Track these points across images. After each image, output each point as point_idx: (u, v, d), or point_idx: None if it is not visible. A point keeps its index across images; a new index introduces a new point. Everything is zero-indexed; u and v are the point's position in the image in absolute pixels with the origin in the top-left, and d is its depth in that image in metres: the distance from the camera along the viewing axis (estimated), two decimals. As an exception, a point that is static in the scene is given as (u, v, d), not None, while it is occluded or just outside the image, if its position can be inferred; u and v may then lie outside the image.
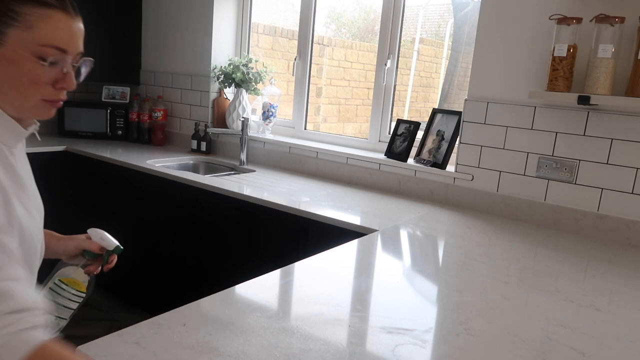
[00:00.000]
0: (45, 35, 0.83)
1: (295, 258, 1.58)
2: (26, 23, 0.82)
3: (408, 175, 2.61)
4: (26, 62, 0.83)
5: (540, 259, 1.82)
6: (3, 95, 0.86)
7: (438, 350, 1.10)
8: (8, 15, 0.81)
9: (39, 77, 0.84)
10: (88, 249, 1.14)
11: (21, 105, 0.87)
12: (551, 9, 2.07)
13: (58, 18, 0.84)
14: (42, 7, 0.82)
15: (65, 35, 0.85)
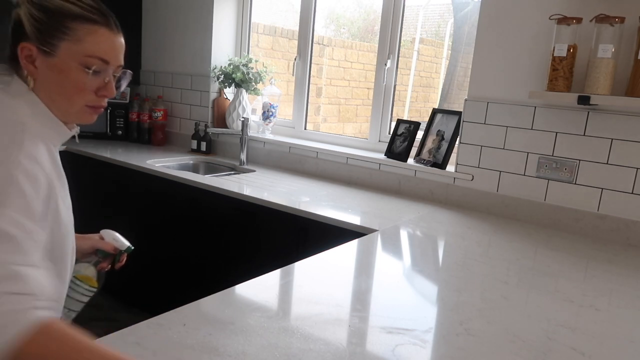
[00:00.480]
0: (91, 48, 0.94)
1: (295, 258, 1.58)
2: (75, 37, 0.93)
3: (408, 175, 2.61)
4: (73, 71, 0.94)
5: (540, 259, 1.82)
6: (52, 101, 0.96)
7: (438, 350, 1.10)
8: (61, 30, 0.93)
9: (84, 84, 0.95)
10: (102, 249, 1.23)
11: (67, 110, 0.98)
12: (551, 9, 2.07)
13: (102, 33, 0.96)
14: (89, 23, 0.94)
15: (108, 48, 0.96)
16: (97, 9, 0.96)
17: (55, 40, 0.93)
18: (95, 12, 0.96)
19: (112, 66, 0.99)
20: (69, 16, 0.93)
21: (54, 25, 0.93)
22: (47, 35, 0.93)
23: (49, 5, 0.93)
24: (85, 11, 0.95)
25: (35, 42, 0.94)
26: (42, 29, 0.93)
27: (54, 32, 0.93)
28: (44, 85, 0.96)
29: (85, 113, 1.00)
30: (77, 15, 0.94)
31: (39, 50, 0.94)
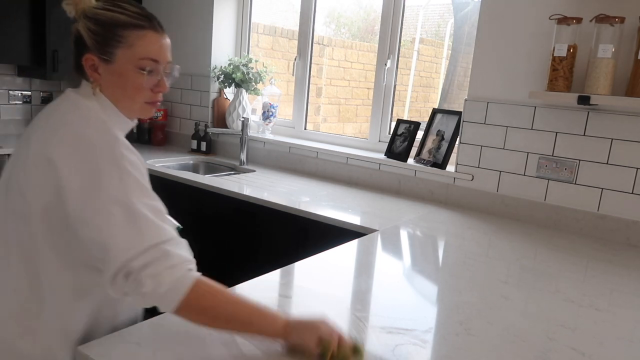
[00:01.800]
0: (142, 50, 1.06)
1: (295, 258, 1.58)
2: (128, 43, 1.05)
3: (408, 175, 2.61)
4: (131, 74, 1.06)
5: (540, 259, 1.82)
6: (117, 101, 1.09)
7: (438, 350, 1.10)
8: (115, 39, 1.04)
9: (141, 84, 1.07)
10: None
11: (130, 107, 1.11)
12: (551, 9, 2.07)
13: (151, 36, 1.07)
14: (138, 29, 1.05)
15: (156, 48, 1.08)
16: (142, 15, 1.07)
17: (111, 48, 1.05)
18: (141, 17, 1.07)
19: (162, 64, 1.09)
20: (120, 25, 1.05)
21: (108, 35, 1.04)
22: (104, 45, 1.05)
23: (102, 17, 1.05)
24: (133, 18, 1.06)
25: (96, 52, 1.05)
26: (100, 40, 1.05)
27: (110, 41, 1.04)
28: (108, 88, 1.08)
29: (145, 109, 1.13)
30: (127, 23, 1.05)
31: (99, 59, 1.06)
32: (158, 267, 0.91)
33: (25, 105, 3.69)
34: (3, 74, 3.55)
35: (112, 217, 0.93)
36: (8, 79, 3.58)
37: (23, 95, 3.67)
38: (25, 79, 3.66)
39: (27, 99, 3.69)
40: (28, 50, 3.35)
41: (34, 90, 3.72)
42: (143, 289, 0.90)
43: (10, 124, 3.62)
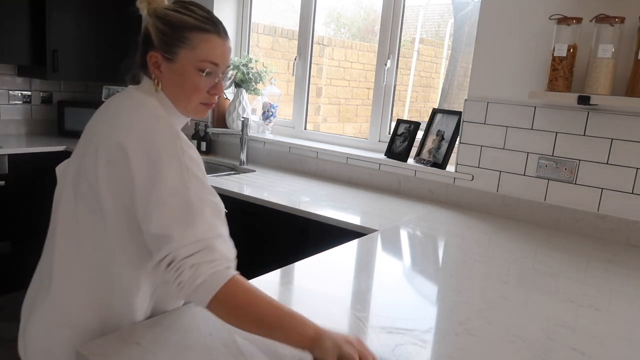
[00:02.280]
0: (205, 53, 1.10)
1: (295, 258, 1.58)
2: (191, 45, 1.09)
3: (408, 175, 2.61)
4: (190, 74, 1.10)
5: (540, 259, 1.82)
6: (175, 99, 1.14)
7: (438, 350, 1.10)
8: (180, 40, 1.09)
9: (199, 85, 1.12)
10: None
11: (186, 107, 1.15)
12: (551, 9, 2.07)
13: (214, 40, 1.11)
14: (203, 33, 1.10)
15: (218, 52, 1.12)
16: (209, 19, 1.12)
17: (175, 48, 1.10)
18: (208, 22, 1.11)
19: (221, 68, 1.13)
20: (187, 27, 1.10)
21: (175, 35, 1.10)
22: (169, 45, 1.10)
23: (172, 18, 1.10)
24: (200, 22, 1.10)
25: (160, 51, 1.11)
26: (166, 40, 1.10)
27: (175, 41, 1.10)
28: (167, 86, 1.13)
29: (199, 109, 1.17)
30: (193, 26, 1.10)
31: (163, 57, 1.11)
32: (200, 258, 0.95)
33: (25, 105, 3.69)
34: (3, 74, 3.55)
35: (169, 210, 0.98)
36: (8, 79, 3.58)
37: (23, 95, 3.67)
38: (25, 79, 3.66)
39: (27, 99, 3.69)
40: (28, 50, 3.35)
41: (34, 90, 3.72)
42: (181, 277, 0.94)
43: (10, 124, 3.62)
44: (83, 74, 3.61)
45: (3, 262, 3.16)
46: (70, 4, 3.41)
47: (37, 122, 3.76)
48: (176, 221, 0.97)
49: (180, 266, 0.94)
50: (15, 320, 1.46)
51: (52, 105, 3.79)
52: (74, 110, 3.62)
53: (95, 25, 3.56)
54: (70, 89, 3.91)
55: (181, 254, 0.95)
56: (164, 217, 0.97)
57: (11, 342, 3.05)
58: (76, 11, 3.45)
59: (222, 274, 0.96)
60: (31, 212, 3.21)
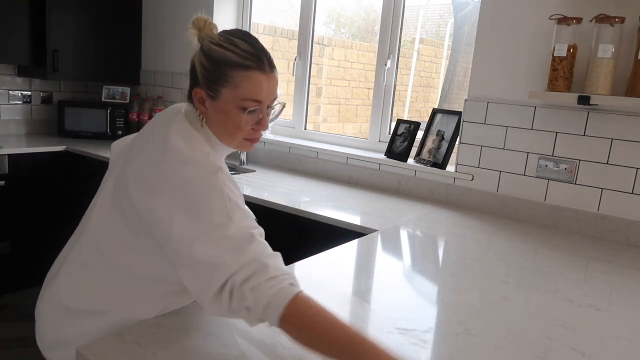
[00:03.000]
0: (246, 92, 1.08)
1: (295, 258, 1.58)
2: (233, 83, 1.07)
3: (408, 175, 2.61)
4: (233, 113, 1.09)
5: (540, 259, 1.82)
6: (219, 135, 1.14)
7: (438, 350, 1.10)
8: (222, 78, 1.07)
9: (241, 123, 1.10)
10: None
11: (229, 142, 1.16)
12: (551, 9, 2.07)
13: (256, 77, 1.08)
14: (245, 70, 1.07)
15: (261, 90, 1.09)
16: (252, 54, 1.08)
17: (218, 86, 1.08)
18: (251, 57, 1.08)
19: (265, 103, 1.11)
20: (229, 65, 1.07)
21: (217, 73, 1.08)
22: (212, 82, 1.08)
23: (214, 55, 1.08)
24: (242, 59, 1.07)
25: (204, 88, 1.10)
26: (209, 77, 1.09)
27: (217, 79, 1.08)
28: (212, 122, 1.13)
29: (244, 144, 1.16)
30: (235, 63, 1.07)
31: (207, 94, 1.10)
32: (258, 279, 0.92)
33: (25, 105, 3.69)
34: (3, 74, 3.55)
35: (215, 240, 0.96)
36: (8, 79, 3.58)
37: (23, 95, 3.67)
38: (25, 79, 3.66)
39: (27, 99, 3.69)
40: (28, 50, 3.35)
41: (34, 90, 3.72)
42: (246, 302, 0.91)
43: (10, 124, 3.62)
44: (83, 74, 3.61)
45: (3, 262, 3.16)
46: (70, 4, 3.41)
47: (37, 122, 3.76)
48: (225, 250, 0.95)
49: (241, 292, 0.92)
50: (15, 320, 1.46)
51: (52, 105, 3.79)
52: (74, 110, 3.62)
53: (95, 25, 3.56)
54: (70, 89, 3.91)
55: (238, 280, 0.92)
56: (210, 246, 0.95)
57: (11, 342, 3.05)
58: (76, 11, 3.45)
59: (285, 291, 0.92)
60: (31, 212, 3.21)
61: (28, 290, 3.29)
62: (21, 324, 2.93)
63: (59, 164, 3.28)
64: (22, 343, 2.72)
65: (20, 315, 3.01)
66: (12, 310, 3.08)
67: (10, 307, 3.10)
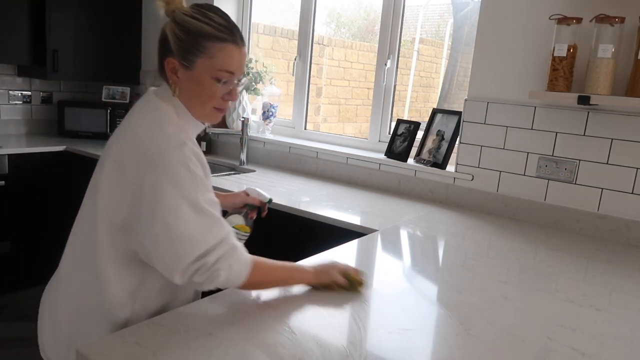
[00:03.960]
0: (221, 63, 1.13)
1: (295, 258, 1.58)
2: (209, 54, 1.12)
3: (408, 175, 2.61)
4: (207, 82, 1.14)
5: (540, 259, 1.82)
6: (190, 104, 1.18)
7: (438, 350, 1.10)
8: (197, 49, 1.11)
9: (215, 92, 1.15)
10: (250, 203, 1.55)
11: (201, 112, 1.20)
12: (551, 9, 2.07)
13: (231, 49, 1.14)
14: (220, 42, 1.12)
15: (234, 61, 1.15)
16: (226, 27, 1.14)
17: (193, 56, 1.12)
18: (225, 30, 1.13)
19: (236, 76, 1.17)
20: (204, 36, 1.11)
21: (192, 44, 1.11)
22: (187, 53, 1.12)
23: (189, 26, 1.11)
24: (217, 31, 1.12)
25: (178, 58, 1.13)
26: (183, 47, 1.12)
27: (193, 50, 1.12)
28: (184, 92, 1.16)
29: (213, 114, 1.21)
30: (211, 35, 1.11)
31: (180, 64, 1.13)
32: (229, 260, 1.07)
33: (25, 105, 3.69)
34: (3, 74, 3.55)
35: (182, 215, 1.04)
36: (8, 79, 3.59)
37: (23, 95, 3.67)
38: (25, 79, 3.66)
39: (27, 99, 3.69)
40: (28, 50, 3.36)
41: (34, 90, 3.72)
42: (218, 279, 1.07)
43: (10, 124, 3.62)
44: (83, 74, 3.61)
45: (3, 262, 3.16)
46: (70, 4, 3.41)
47: (37, 122, 3.76)
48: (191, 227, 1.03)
49: (213, 270, 1.06)
50: (15, 320, 1.49)
51: (52, 105, 3.79)
52: (74, 110, 3.62)
53: (95, 25, 3.56)
54: (70, 89, 3.91)
55: (211, 260, 1.04)
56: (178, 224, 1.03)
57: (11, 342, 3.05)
58: (76, 11, 3.45)
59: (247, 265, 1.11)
60: (31, 212, 3.21)
61: (28, 290, 3.29)
62: (21, 324, 2.93)
63: (58, 164, 3.28)
64: (22, 343, 2.72)
65: (20, 315, 3.01)
66: (12, 310, 3.08)
67: (10, 307, 3.10)
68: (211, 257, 1.05)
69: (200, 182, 1.08)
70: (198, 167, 1.10)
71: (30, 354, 2.66)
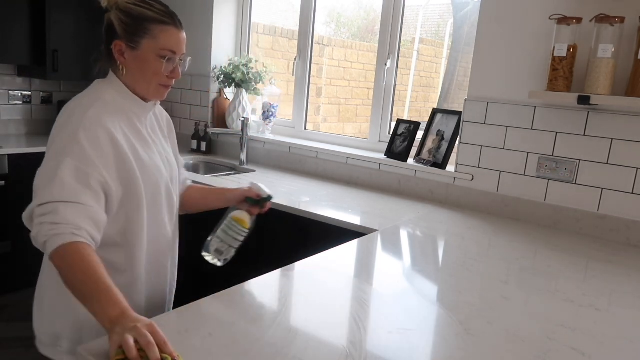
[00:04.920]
0: (164, 43, 1.25)
1: (295, 258, 1.58)
2: (152, 35, 1.24)
3: (408, 175, 2.61)
4: (152, 61, 1.25)
5: (540, 259, 1.82)
6: (136, 82, 1.28)
7: (438, 350, 1.10)
8: (142, 31, 1.23)
9: (159, 69, 1.26)
10: (250, 197, 1.53)
11: (147, 89, 1.29)
12: (551, 9, 2.07)
13: (172, 31, 1.26)
14: (162, 25, 1.25)
15: (175, 42, 1.27)
16: (166, 12, 1.27)
17: (138, 38, 1.24)
18: (165, 15, 1.26)
19: (178, 55, 1.28)
20: (148, 20, 1.24)
21: (137, 27, 1.23)
22: (133, 35, 1.24)
23: (133, 12, 1.23)
24: (159, 15, 1.25)
25: (124, 40, 1.24)
26: (129, 30, 1.24)
27: (138, 32, 1.23)
28: (130, 71, 1.28)
29: (159, 90, 1.31)
30: (153, 19, 1.24)
31: (127, 46, 1.25)
32: (45, 219, 1.06)
33: (25, 105, 3.69)
34: (3, 74, 3.55)
35: (44, 169, 1.13)
36: (8, 79, 3.58)
37: (23, 95, 3.67)
38: (25, 79, 3.66)
39: (27, 99, 3.69)
40: (28, 50, 3.35)
41: (34, 90, 3.72)
42: (33, 233, 1.07)
43: (10, 124, 3.62)
44: (83, 74, 3.61)
45: (3, 262, 3.16)
46: (70, 4, 3.41)
47: (37, 122, 3.76)
48: (42, 180, 1.11)
49: (35, 224, 1.07)
50: (15, 320, 1.50)
51: (52, 105, 3.79)
52: (74, 110, 3.62)
53: (95, 25, 3.54)
54: (70, 89, 3.91)
55: (37, 212, 1.08)
56: (39, 174, 1.13)
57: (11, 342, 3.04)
58: (76, 11, 3.45)
59: (60, 237, 1.03)
60: (31, 212, 3.21)
61: (28, 290, 3.29)
62: (21, 324, 2.93)
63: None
64: (22, 343, 2.72)
65: (20, 315, 3.01)
66: (12, 310, 3.08)
67: (10, 307, 3.10)
68: (38, 210, 1.07)
69: (80, 149, 1.13)
70: (91, 140, 1.15)
71: (30, 354, 2.67)
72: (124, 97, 1.29)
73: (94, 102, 1.24)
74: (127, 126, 1.27)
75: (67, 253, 1.03)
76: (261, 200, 1.53)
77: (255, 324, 1.12)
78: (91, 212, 1.09)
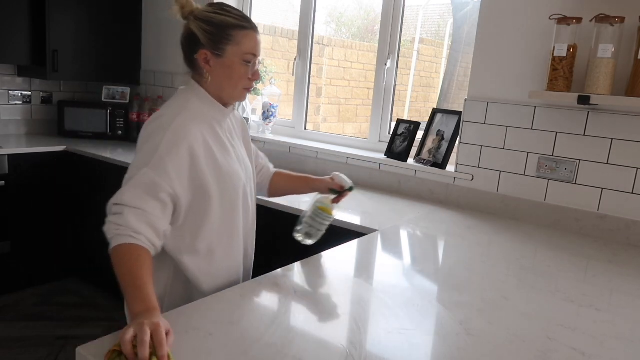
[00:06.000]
0: (246, 47, 1.31)
1: (295, 258, 1.58)
2: (236, 41, 1.29)
3: (408, 175, 2.61)
4: (237, 66, 1.31)
5: (540, 259, 1.82)
6: (222, 88, 1.35)
7: (438, 350, 1.10)
8: (226, 38, 1.29)
9: (244, 73, 1.33)
10: (332, 187, 1.66)
11: (232, 93, 1.36)
12: (551, 8, 2.07)
13: (252, 35, 1.32)
14: (243, 30, 1.30)
15: (256, 45, 1.33)
16: (244, 17, 1.32)
17: (223, 45, 1.29)
18: (244, 20, 1.32)
19: (257, 57, 1.34)
20: (230, 26, 1.29)
21: (221, 34, 1.29)
22: (217, 42, 1.29)
23: (214, 20, 1.29)
24: (239, 20, 1.30)
25: (209, 48, 1.29)
26: (213, 38, 1.29)
27: (222, 39, 1.29)
28: (216, 78, 1.33)
29: (242, 94, 1.37)
30: (235, 25, 1.29)
31: (212, 54, 1.30)
32: (113, 219, 1.17)
33: (25, 105, 3.69)
34: (3, 74, 3.55)
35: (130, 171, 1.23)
36: (8, 79, 3.59)
37: (23, 95, 3.67)
38: (25, 79, 3.66)
39: (27, 99, 3.69)
40: (28, 50, 3.35)
41: (34, 90, 3.72)
42: (104, 227, 1.18)
43: (10, 124, 3.62)
44: (83, 74, 3.61)
45: (3, 262, 3.16)
46: (70, 4, 3.41)
47: (37, 122, 3.76)
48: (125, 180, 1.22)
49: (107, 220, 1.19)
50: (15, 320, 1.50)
51: (52, 105, 3.79)
52: (74, 110, 3.62)
53: (95, 25, 3.56)
54: (70, 89, 3.91)
55: (111, 210, 1.19)
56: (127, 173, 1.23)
57: (11, 342, 3.04)
58: (76, 11, 3.45)
59: (120, 238, 1.14)
60: (31, 212, 3.21)
61: (28, 290, 3.29)
62: (21, 324, 2.93)
63: (59, 164, 3.28)
64: (22, 343, 2.73)
65: (20, 315, 3.01)
66: (12, 310, 3.09)
67: (10, 307, 3.10)
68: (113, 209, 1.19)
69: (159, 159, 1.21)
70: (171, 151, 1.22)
71: (30, 354, 2.67)
72: (207, 104, 1.35)
73: (181, 112, 1.29)
74: (209, 134, 1.32)
75: (121, 251, 1.13)
76: (343, 190, 1.66)
77: (255, 324, 1.12)
78: (152, 220, 1.18)
